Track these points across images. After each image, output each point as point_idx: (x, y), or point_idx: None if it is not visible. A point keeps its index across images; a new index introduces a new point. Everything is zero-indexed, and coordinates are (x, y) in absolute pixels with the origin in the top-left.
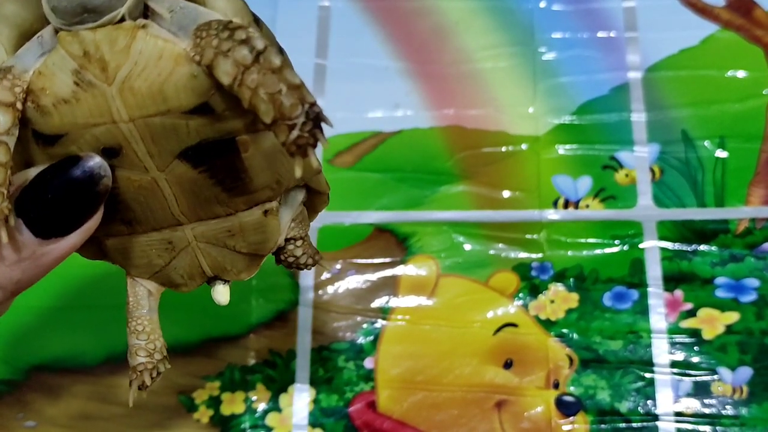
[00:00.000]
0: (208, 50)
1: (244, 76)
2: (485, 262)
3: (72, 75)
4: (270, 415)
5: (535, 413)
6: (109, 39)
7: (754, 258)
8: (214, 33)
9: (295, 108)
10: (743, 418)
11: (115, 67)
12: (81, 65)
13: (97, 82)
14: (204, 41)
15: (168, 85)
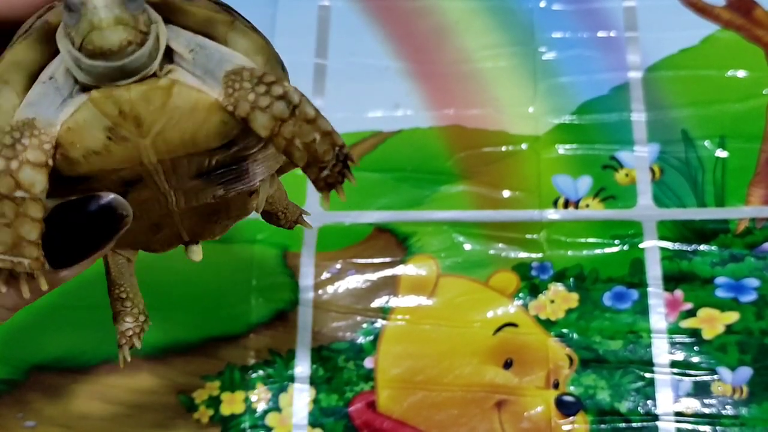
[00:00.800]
0: (243, 103)
1: (281, 128)
2: (485, 262)
3: (105, 131)
4: (270, 415)
5: (535, 413)
6: (145, 98)
7: (754, 258)
8: (249, 87)
9: (327, 153)
10: (743, 418)
11: (150, 123)
12: (115, 123)
13: (131, 136)
14: (238, 93)
15: (199, 133)
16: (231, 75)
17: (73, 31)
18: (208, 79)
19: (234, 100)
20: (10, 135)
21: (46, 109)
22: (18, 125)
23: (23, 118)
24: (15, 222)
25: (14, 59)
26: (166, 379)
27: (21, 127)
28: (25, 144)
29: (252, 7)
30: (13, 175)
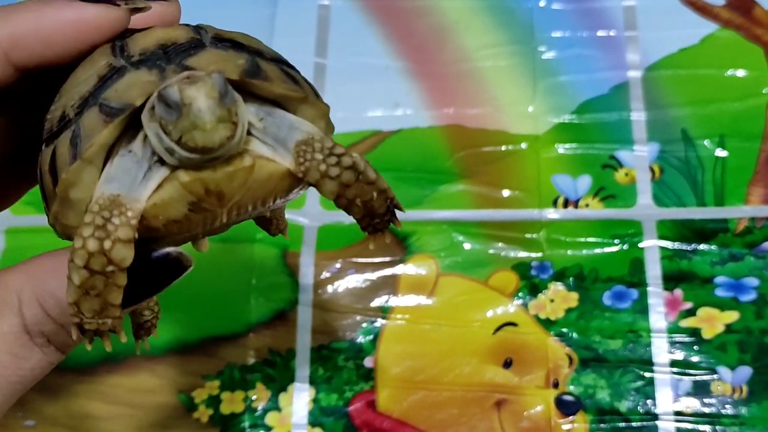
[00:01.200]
0: (313, 172)
1: (346, 191)
2: (485, 262)
3: (187, 205)
4: (270, 415)
5: (534, 412)
6: (230, 178)
7: (754, 257)
8: (321, 158)
9: (381, 207)
10: (743, 417)
11: (231, 196)
12: (200, 199)
13: (212, 207)
14: (309, 163)
15: (269, 195)
16: (302, 145)
17: (171, 125)
18: (278, 147)
19: (305, 169)
20: (100, 215)
21: (129, 184)
22: (105, 204)
23: (108, 195)
24: (103, 291)
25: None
26: (166, 378)
27: (109, 205)
28: (116, 223)
29: (252, 7)
30: (106, 254)
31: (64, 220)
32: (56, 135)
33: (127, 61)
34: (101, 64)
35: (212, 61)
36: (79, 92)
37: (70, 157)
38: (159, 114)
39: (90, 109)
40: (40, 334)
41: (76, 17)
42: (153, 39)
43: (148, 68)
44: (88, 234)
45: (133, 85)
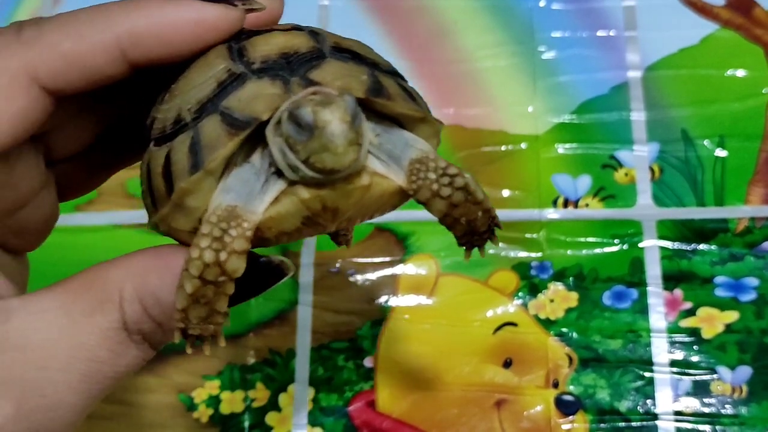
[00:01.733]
0: (425, 190)
1: (453, 211)
2: (485, 261)
3: (301, 219)
4: (269, 415)
5: (534, 412)
6: (348, 195)
7: (754, 257)
8: (434, 177)
9: (484, 226)
10: (742, 417)
11: (345, 212)
12: (315, 214)
13: (325, 222)
14: (422, 182)
15: (378, 211)
16: (416, 163)
17: (299, 144)
18: (392, 164)
19: (417, 187)
20: (218, 227)
21: (247, 195)
22: (223, 215)
23: (226, 206)
24: (212, 299)
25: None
26: (166, 378)
27: (226, 217)
28: (233, 235)
29: None
30: (221, 265)
31: (173, 223)
32: (170, 137)
33: (248, 68)
34: (219, 68)
35: (336, 76)
36: (196, 96)
37: (189, 165)
38: (288, 132)
39: (210, 116)
40: (138, 332)
41: (197, 17)
42: (274, 46)
43: (271, 79)
44: (206, 245)
45: (258, 97)
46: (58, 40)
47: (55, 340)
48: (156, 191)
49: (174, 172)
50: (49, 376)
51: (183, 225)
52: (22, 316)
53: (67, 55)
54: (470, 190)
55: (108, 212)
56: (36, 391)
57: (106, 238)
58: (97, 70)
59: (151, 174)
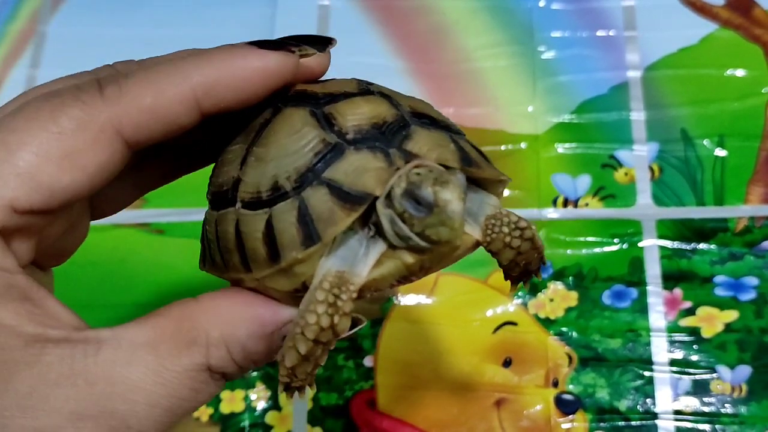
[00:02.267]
0: (497, 242)
1: (518, 258)
2: (485, 261)
3: (399, 277)
4: (269, 414)
5: (534, 411)
6: (444, 257)
7: (753, 256)
8: (507, 231)
9: (535, 266)
10: (742, 416)
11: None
12: (411, 273)
13: (415, 278)
14: (496, 235)
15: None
16: (491, 219)
17: (416, 219)
18: (471, 221)
19: (491, 239)
20: (331, 293)
21: (352, 260)
22: (335, 282)
23: (335, 272)
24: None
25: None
26: None
27: (337, 283)
28: (343, 299)
29: (252, 7)
30: (333, 327)
31: (272, 285)
32: (268, 204)
33: (341, 138)
34: (312, 137)
35: (430, 146)
36: (293, 164)
37: (302, 236)
38: (404, 208)
39: (315, 188)
40: (220, 374)
41: (262, 65)
42: (363, 116)
43: (371, 151)
44: (322, 311)
45: (365, 172)
46: (140, 96)
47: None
48: (251, 253)
49: (280, 240)
50: (136, 410)
51: (283, 286)
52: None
53: (149, 110)
54: (534, 240)
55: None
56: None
57: (108, 238)
58: (174, 121)
59: (243, 237)
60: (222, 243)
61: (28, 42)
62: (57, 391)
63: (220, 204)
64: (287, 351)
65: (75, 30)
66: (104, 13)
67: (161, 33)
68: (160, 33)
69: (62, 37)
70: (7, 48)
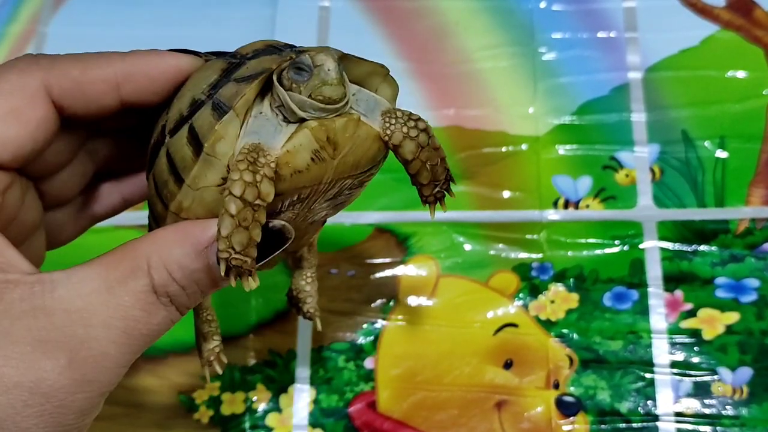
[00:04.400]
0: (397, 134)
1: (420, 153)
2: (485, 263)
3: (311, 153)
4: (270, 416)
5: (535, 413)
6: (344, 127)
7: (755, 258)
8: (402, 122)
9: (442, 174)
10: (743, 418)
11: (342, 147)
12: (321, 147)
13: (327, 158)
14: (394, 127)
15: (364, 158)
16: (386, 114)
17: (302, 85)
18: (369, 115)
19: (390, 132)
20: (249, 156)
21: (265, 136)
22: (251, 148)
23: (251, 143)
24: (250, 226)
25: (248, 98)
26: (166, 379)
27: (254, 150)
28: (261, 162)
29: (252, 8)
30: (257, 186)
31: (201, 182)
32: (187, 119)
33: (244, 58)
34: (218, 65)
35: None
36: (205, 82)
37: (216, 117)
38: (292, 78)
39: (224, 86)
40: (165, 294)
41: (176, 63)
42: (259, 43)
43: (268, 55)
44: (243, 167)
45: (263, 62)
46: (69, 68)
47: (96, 303)
48: (180, 162)
49: (200, 132)
50: (93, 333)
51: (211, 180)
52: (66, 285)
53: (75, 79)
54: (430, 133)
55: None
56: (83, 344)
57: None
58: (97, 98)
59: (172, 156)
60: (159, 183)
61: (29, 43)
62: (19, 323)
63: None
64: (221, 218)
65: (75, 30)
66: (104, 13)
67: (161, 33)
68: (160, 33)
69: (63, 38)
70: (8, 49)
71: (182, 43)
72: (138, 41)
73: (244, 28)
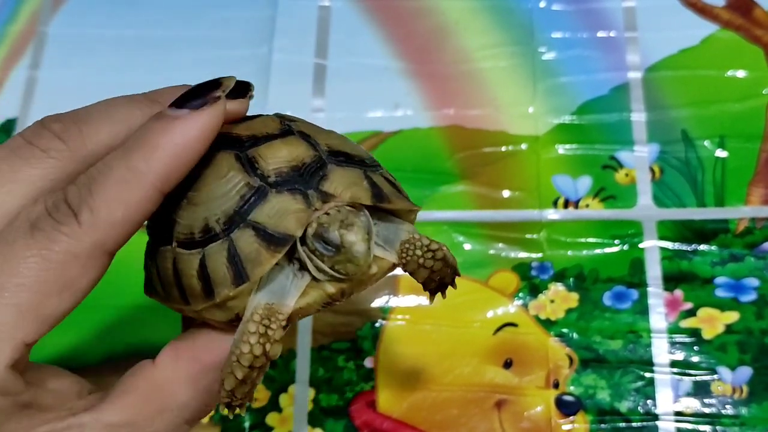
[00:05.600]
0: (412, 263)
1: (432, 275)
2: (485, 262)
3: (323, 304)
4: (270, 415)
5: (534, 413)
6: (361, 283)
7: (754, 258)
8: (420, 254)
9: (449, 279)
10: (743, 417)
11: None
12: (333, 300)
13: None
14: (410, 258)
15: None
16: (405, 244)
17: (326, 257)
18: (387, 247)
19: (406, 262)
20: (261, 324)
21: (280, 293)
22: (265, 314)
23: (264, 304)
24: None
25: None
26: None
27: (267, 314)
28: (273, 328)
29: (252, 8)
30: (266, 354)
31: (210, 316)
32: (201, 244)
33: (264, 181)
34: (237, 181)
35: (344, 185)
36: (221, 207)
37: (232, 275)
38: (317, 248)
39: (242, 230)
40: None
41: (200, 131)
42: (282, 159)
43: (291, 194)
44: (255, 341)
45: (286, 214)
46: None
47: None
48: (188, 289)
49: (213, 278)
50: None
51: (220, 318)
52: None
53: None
54: (446, 259)
55: None
56: None
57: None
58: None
59: (180, 273)
60: (162, 276)
61: (29, 43)
62: None
63: (159, 240)
64: (226, 376)
65: (75, 30)
66: (104, 13)
67: (161, 33)
68: (160, 33)
69: (62, 38)
70: (8, 49)
71: (182, 43)
72: (138, 41)
73: (244, 28)
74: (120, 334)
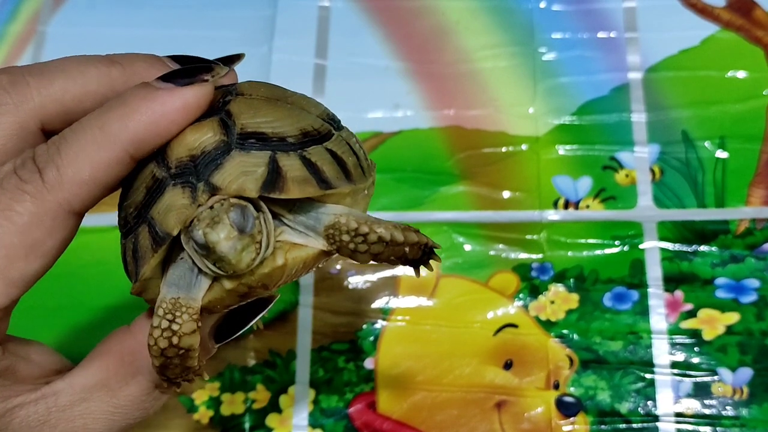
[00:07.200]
0: (344, 249)
1: (378, 256)
2: (485, 263)
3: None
4: (270, 416)
5: (535, 414)
6: (269, 275)
7: (755, 259)
8: (348, 239)
9: (416, 254)
10: (743, 419)
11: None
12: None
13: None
14: (339, 243)
15: (307, 270)
16: (330, 229)
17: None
18: (310, 232)
19: (336, 248)
20: (165, 318)
21: (186, 287)
22: (168, 308)
23: (170, 299)
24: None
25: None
26: None
27: (171, 309)
28: (180, 322)
29: (252, 8)
30: (176, 346)
31: (145, 295)
32: (125, 234)
33: (167, 173)
34: (148, 173)
35: (234, 176)
36: (134, 201)
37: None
38: (193, 248)
39: (143, 225)
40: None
41: (182, 104)
42: (184, 147)
43: (182, 187)
44: (158, 335)
45: (170, 211)
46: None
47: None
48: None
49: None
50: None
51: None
52: (69, 394)
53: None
54: (386, 239)
55: (109, 214)
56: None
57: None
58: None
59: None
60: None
61: (29, 42)
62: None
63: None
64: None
65: (75, 30)
66: (104, 13)
67: (161, 33)
68: (160, 33)
69: (62, 38)
70: (8, 49)
71: (182, 43)
72: (138, 41)
73: (244, 28)
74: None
